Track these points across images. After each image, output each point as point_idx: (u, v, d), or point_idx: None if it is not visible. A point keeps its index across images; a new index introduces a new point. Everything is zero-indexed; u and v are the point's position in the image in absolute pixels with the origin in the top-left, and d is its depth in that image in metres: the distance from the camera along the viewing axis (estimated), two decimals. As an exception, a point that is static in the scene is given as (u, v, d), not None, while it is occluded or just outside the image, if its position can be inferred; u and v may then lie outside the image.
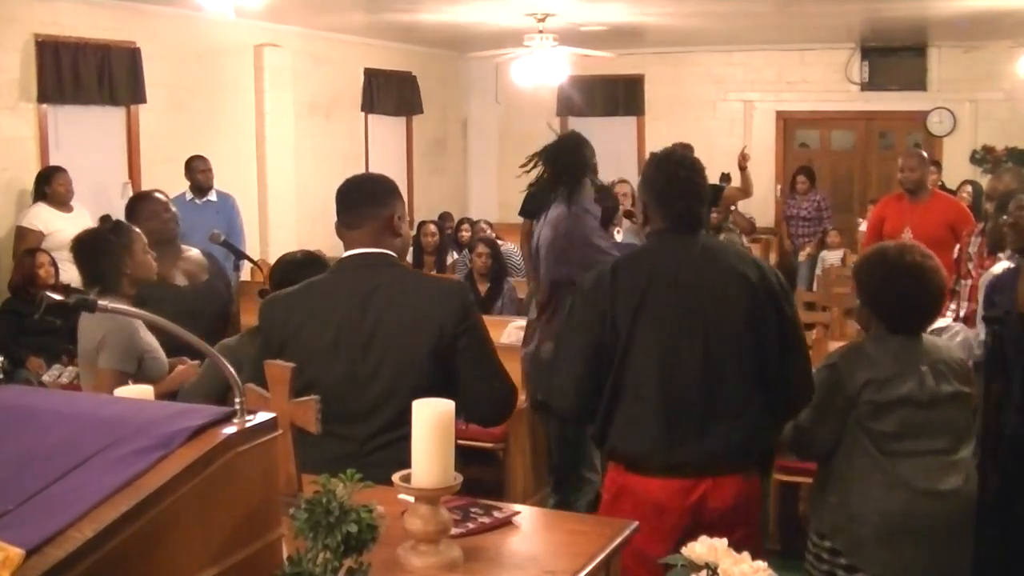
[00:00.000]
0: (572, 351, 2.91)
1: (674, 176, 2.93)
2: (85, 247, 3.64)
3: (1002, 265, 3.97)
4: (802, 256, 9.99)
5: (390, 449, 2.50)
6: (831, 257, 9.73)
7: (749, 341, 2.84)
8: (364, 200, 2.78)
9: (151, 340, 3.54)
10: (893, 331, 2.96)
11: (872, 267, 3.03)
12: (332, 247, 3.33)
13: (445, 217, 10.49)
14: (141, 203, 4.38)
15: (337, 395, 2.52)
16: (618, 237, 5.50)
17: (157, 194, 4.50)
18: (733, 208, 9.91)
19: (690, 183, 2.93)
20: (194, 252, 4.48)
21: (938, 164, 9.76)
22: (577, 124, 11.83)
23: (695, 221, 2.94)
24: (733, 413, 2.81)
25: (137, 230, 3.72)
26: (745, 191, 8.40)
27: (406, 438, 2.50)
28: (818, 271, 9.41)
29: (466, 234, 9.36)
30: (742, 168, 7.91)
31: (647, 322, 2.82)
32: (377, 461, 2.16)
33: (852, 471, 2.90)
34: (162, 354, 3.57)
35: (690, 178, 2.93)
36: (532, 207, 8.30)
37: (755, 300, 2.85)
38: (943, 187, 9.08)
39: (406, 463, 2.03)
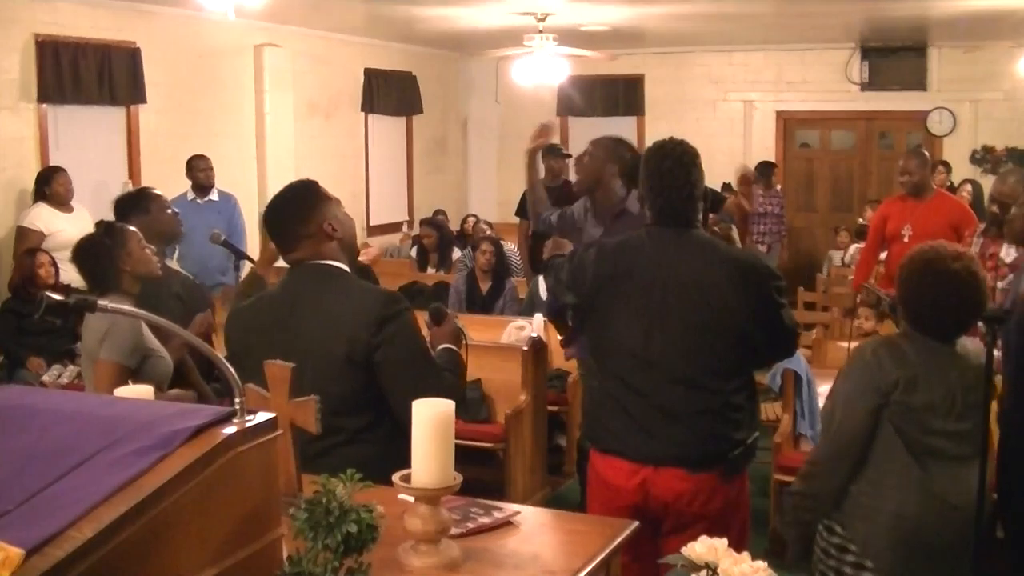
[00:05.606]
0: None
1: (657, 170, 2.95)
2: (82, 254, 3.64)
3: None
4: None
5: (327, 457, 2.45)
6: (838, 256, 9.70)
7: (706, 348, 2.85)
8: (287, 224, 2.76)
9: (156, 342, 3.51)
10: (922, 334, 2.86)
11: (912, 267, 2.91)
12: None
13: (438, 213, 10.48)
14: (150, 196, 4.34)
15: None
16: None
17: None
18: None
19: (672, 176, 2.92)
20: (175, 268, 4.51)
21: (946, 164, 9.65)
22: (577, 124, 11.83)
23: (677, 218, 2.94)
24: (680, 414, 2.85)
25: (131, 228, 3.68)
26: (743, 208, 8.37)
27: (340, 446, 2.51)
28: (825, 272, 9.35)
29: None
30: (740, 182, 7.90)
31: (611, 312, 2.90)
32: (315, 469, 2.12)
33: (871, 464, 2.82)
34: (167, 355, 3.53)
35: (672, 171, 2.92)
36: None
37: (725, 307, 2.85)
38: (951, 187, 9.03)
39: (343, 470, 1.91)
